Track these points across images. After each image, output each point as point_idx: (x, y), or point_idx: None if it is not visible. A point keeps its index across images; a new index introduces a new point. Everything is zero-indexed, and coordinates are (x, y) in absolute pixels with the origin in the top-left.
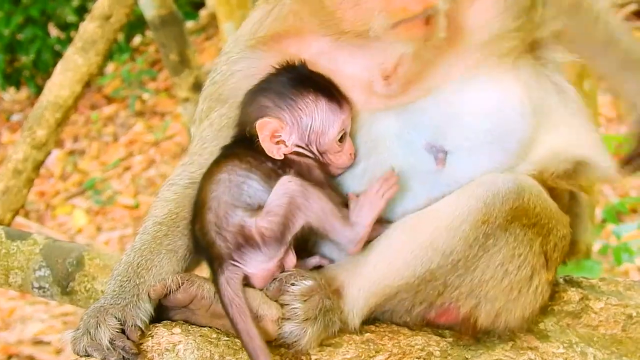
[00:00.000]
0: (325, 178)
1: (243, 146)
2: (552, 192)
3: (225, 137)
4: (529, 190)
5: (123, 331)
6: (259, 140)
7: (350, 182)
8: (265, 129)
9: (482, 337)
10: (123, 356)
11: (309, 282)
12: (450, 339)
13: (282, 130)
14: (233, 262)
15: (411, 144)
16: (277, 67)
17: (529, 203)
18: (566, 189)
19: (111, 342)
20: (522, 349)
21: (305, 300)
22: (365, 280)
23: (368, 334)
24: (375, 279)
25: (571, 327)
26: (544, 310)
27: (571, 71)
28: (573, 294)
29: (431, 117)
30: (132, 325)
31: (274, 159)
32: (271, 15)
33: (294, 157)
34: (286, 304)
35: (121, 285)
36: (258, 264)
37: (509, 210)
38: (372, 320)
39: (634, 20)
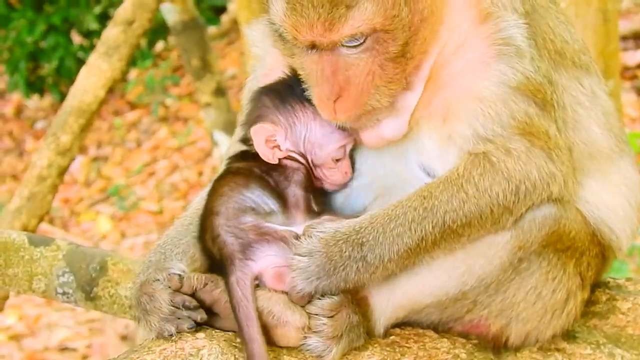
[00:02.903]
0: (306, 187)
1: (243, 156)
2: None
3: None
4: (565, 215)
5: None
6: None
7: (364, 190)
8: (259, 135)
9: None
10: (189, 317)
11: (337, 297)
12: (476, 341)
13: (276, 134)
14: (243, 259)
15: (408, 163)
16: (290, 73)
17: (564, 228)
18: None
19: (172, 303)
20: (549, 351)
21: (332, 316)
22: (394, 294)
23: (393, 337)
24: (406, 294)
25: (598, 328)
26: None
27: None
28: (600, 295)
29: (424, 145)
30: (168, 276)
31: (270, 164)
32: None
33: (287, 161)
34: (313, 315)
35: (149, 261)
36: (268, 260)
37: (544, 235)
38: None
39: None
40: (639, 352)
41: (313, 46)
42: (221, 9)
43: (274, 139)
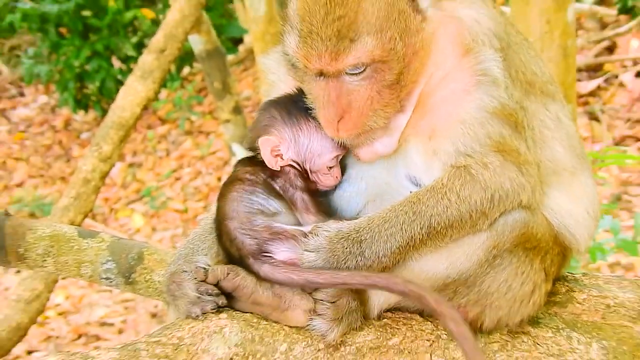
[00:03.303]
0: (310, 191)
1: (252, 161)
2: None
3: None
4: (533, 220)
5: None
6: (259, 153)
7: (356, 196)
8: (265, 145)
9: None
10: (213, 301)
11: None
12: None
13: (280, 145)
14: (264, 254)
15: (397, 174)
16: (297, 90)
17: (532, 231)
18: None
19: (197, 291)
20: (516, 334)
21: (334, 302)
22: None
23: (385, 320)
24: None
25: (558, 315)
26: None
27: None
28: (560, 287)
29: (412, 159)
30: (195, 269)
31: (273, 170)
32: None
33: (288, 168)
34: (318, 300)
35: (179, 255)
36: (283, 255)
37: (515, 237)
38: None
39: (607, 55)
40: (592, 336)
41: (321, 74)
42: (239, 40)
43: (278, 149)
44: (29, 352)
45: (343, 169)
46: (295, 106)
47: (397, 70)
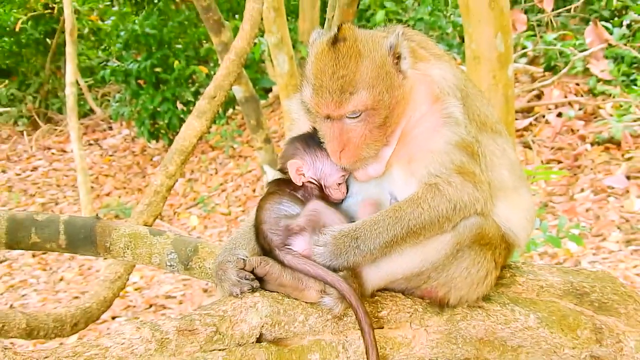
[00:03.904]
0: (323, 198)
1: (279, 181)
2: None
3: None
4: (486, 223)
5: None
6: (288, 172)
7: (355, 205)
8: (292, 167)
9: None
10: (249, 284)
11: (342, 273)
12: (428, 301)
13: (303, 167)
14: (286, 246)
15: (384, 190)
16: (312, 128)
17: (485, 231)
18: None
19: (238, 276)
20: (474, 308)
21: None
22: (379, 271)
23: (376, 297)
24: (386, 271)
25: (504, 294)
26: None
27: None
28: (505, 272)
29: (394, 179)
30: (236, 260)
31: (296, 185)
32: None
33: (308, 184)
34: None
35: (225, 248)
36: (301, 245)
37: (473, 236)
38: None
39: (536, 100)
40: (529, 309)
41: (328, 117)
42: (269, 90)
43: (301, 170)
44: (113, 318)
45: (347, 187)
46: (312, 140)
47: (385, 115)
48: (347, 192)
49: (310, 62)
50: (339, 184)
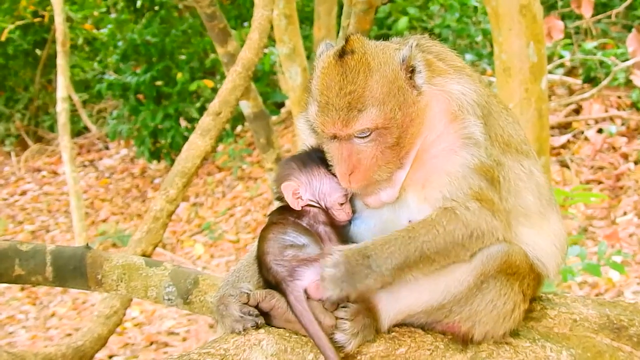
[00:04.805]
0: (330, 223)
1: (281, 209)
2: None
3: None
4: (512, 251)
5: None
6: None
7: (367, 232)
8: (287, 189)
9: None
10: (253, 320)
11: (355, 305)
12: (450, 337)
13: (299, 189)
14: (292, 279)
15: (398, 216)
16: (311, 147)
17: (512, 260)
18: None
19: (241, 311)
20: (500, 344)
21: (352, 319)
22: (396, 304)
23: (393, 333)
24: (404, 304)
25: (534, 328)
26: None
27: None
28: (535, 305)
29: (408, 204)
30: (239, 294)
31: (299, 213)
32: None
33: (308, 207)
34: (339, 318)
35: (227, 281)
36: (310, 276)
37: (498, 265)
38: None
39: (574, 115)
40: (561, 345)
41: (335, 137)
42: (281, 104)
43: (297, 192)
44: (110, 357)
45: (355, 208)
46: (308, 158)
47: (397, 135)
48: (352, 213)
49: (316, 77)
50: (341, 203)
